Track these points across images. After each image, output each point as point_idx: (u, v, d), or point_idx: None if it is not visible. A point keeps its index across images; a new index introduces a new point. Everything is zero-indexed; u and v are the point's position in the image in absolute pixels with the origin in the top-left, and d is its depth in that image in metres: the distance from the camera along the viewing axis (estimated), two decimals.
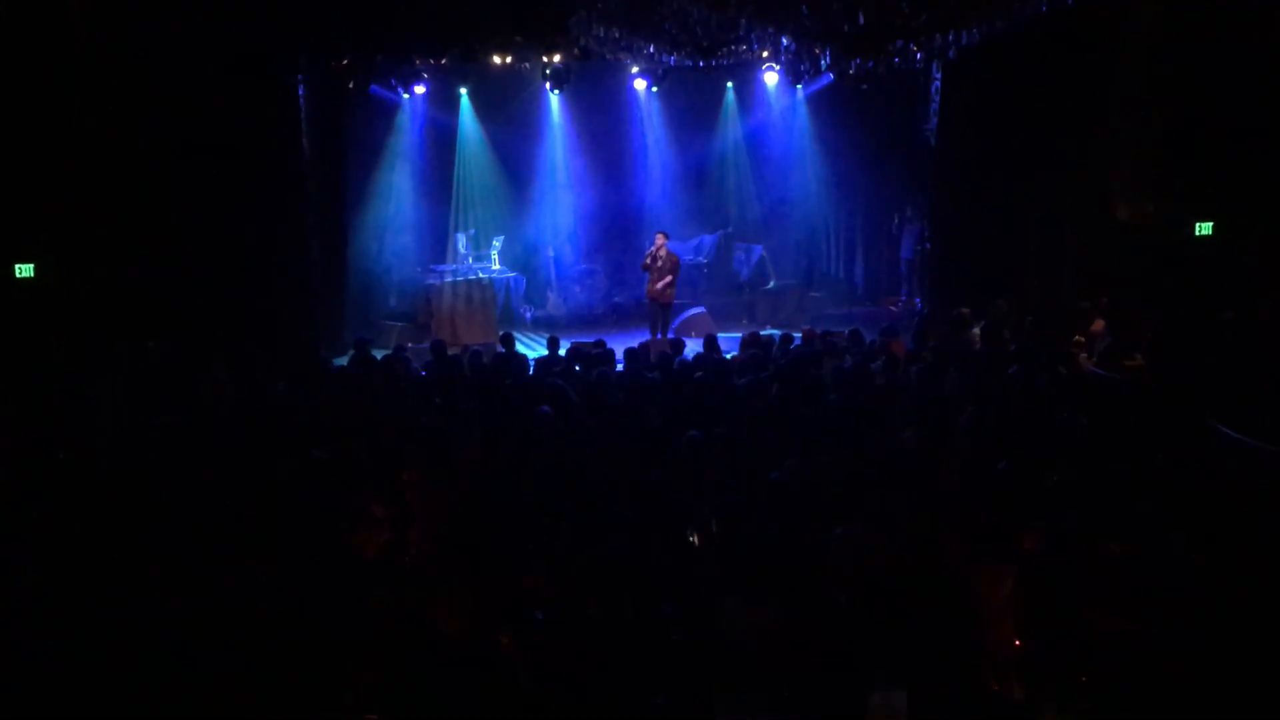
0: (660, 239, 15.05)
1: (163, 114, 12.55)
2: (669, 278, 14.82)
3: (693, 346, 12.35)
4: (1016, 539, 5.54)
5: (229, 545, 5.83)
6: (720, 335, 12.26)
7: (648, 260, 14.93)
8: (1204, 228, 12.98)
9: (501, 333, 13.37)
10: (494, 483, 6.88)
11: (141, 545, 5.84)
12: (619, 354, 11.16)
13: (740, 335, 12.84)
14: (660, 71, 16.33)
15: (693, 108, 18.71)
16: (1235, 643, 4.79)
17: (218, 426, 8.57)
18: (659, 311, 14.99)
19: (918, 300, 16.45)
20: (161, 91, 12.49)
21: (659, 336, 14.53)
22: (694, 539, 5.97)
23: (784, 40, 14.14)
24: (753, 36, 14.23)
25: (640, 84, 17.56)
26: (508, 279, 17.85)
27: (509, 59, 15.98)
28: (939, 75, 14.72)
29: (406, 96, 17.40)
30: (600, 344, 11.50)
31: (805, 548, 5.55)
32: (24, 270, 11.52)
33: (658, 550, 5.64)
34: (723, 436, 7.42)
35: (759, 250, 18.71)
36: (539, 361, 11.41)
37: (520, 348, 14.08)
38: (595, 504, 6.32)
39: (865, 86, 15.86)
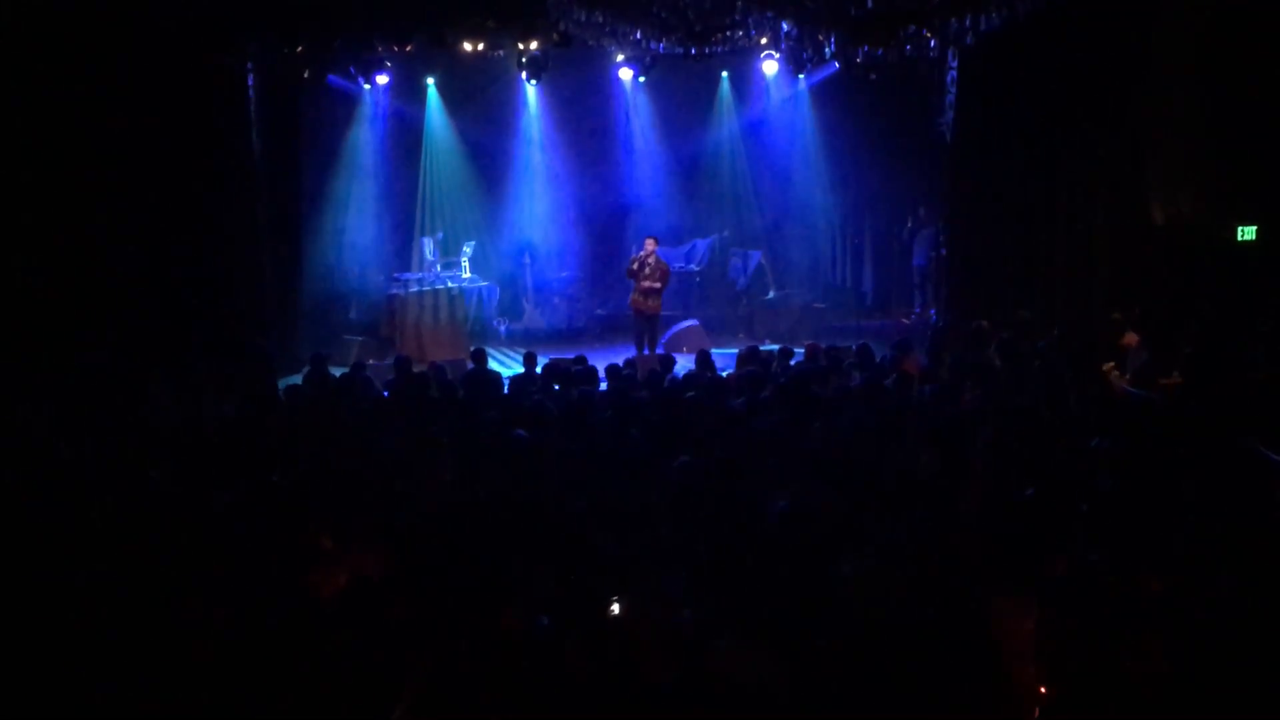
0: (650, 244, 15.03)
1: (95, 104, 12.54)
2: (657, 287, 14.79)
3: (684, 363, 12.36)
4: (1041, 572, 5.52)
5: (167, 588, 5.77)
6: (714, 351, 12.29)
7: (634, 266, 14.88)
8: (1247, 231, 12.99)
9: (473, 348, 13.35)
10: (464, 514, 6.84)
11: (68, 590, 5.77)
12: (602, 372, 11.14)
13: (737, 351, 12.84)
14: (648, 59, 16.40)
15: (684, 100, 18.83)
16: None
17: (156, 452, 8.51)
18: (645, 324, 14.96)
19: (932, 312, 16.50)
20: (93, 79, 12.45)
21: (646, 352, 14.52)
22: (683, 575, 5.93)
23: (784, 25, 14.21)
24: (750, 21, 14.29)
25: (626, 73, 17.65)
26: (479, 289, 17.88)
27: (481, 45, 16.02)
28: (955, 63, 14.80)
29: (368, 87, 17.46)
30: (581, 360, 11.48)
31: (809, 584, 5.52)
32: None
33: (642, 588, 5.60)
34: (717, 462, 7.39)
35: (757, 257, 18.77)
36: (514, 380, 11.39)
37: (493, 365, 14.05)
38: (576, 537, 6.28)
39: (874, 76, 15.90)
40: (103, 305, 12.56)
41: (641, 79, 17.71)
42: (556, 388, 10.54)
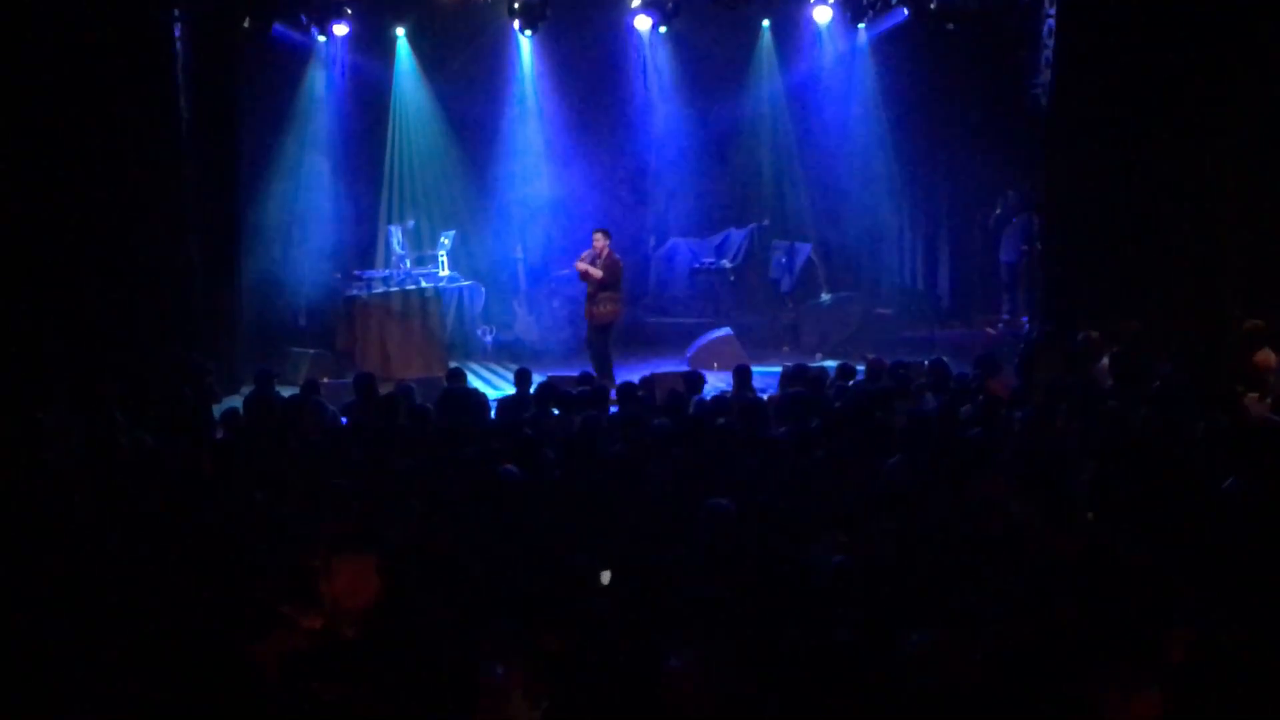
0: (600, 240, 15.07)
1: None
2: (598, 275, 14.83)
3: (714, 382, 12.39)
4: (1159, 648, 5.55)
5: (75, 658, 5.83)
6: (753, 368, 12.30)
7: (582, 267, 14.98)
8: None
9: (451, 364, 13.41)
10: (440, 570, 6.90)
11: None
12: (613, 393, 11.20)
13: (780, 368, 12.88)
14: (670, 4, 16.45)
15: (715, 56, 18.90)
16: None
17: (59, 490, 8.57)
18: (598, 339, 15.02)
19: (1024, 320, 16.50)
20: None
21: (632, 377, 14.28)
22: (714, 647, 5.97)
23: None
24: None
25: (643, 22, 17.66)
26: (460, 290, 17.95)
27: None
28: (1054, 11, 14.77)
29: (323, 40, 17.57)
30: (587, 379, 11.52)
31: (868, 657, 5.57)
32: None
33: (667, 661, 5.65)
34: (756, 507, 7.44)
35: (806, 251, 18.80)
36: (502, 403, 11.44)
37: (476, 384, 14.11)
38: (581, 599, 6.33)
39: (951, 26, 15.97)
40: None
41: (662, 29, 17.78)
42: (555, 413, 10.58)
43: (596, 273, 14.80)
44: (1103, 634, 5.71)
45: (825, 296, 18.51)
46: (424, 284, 16.88)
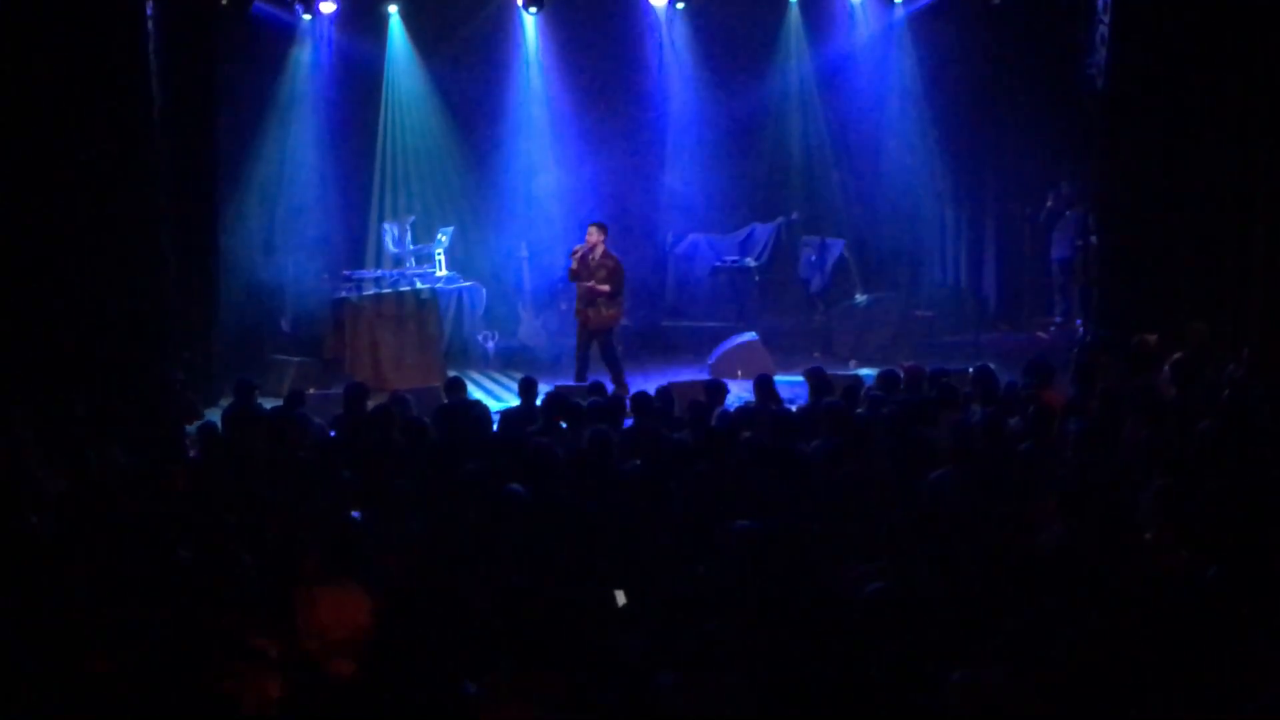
0: (594, 233, 15.02)
1: None
2: (604, 290, 14.78)
3: (738, 392, 12.35)
4: (1240, 690, 5.48)
5: (27, 697, 5.81)
6: (780, 377, 12.27)
7: (574, 265, 14.93)
8: None
9: (450, 373, 13.39)
10: (437, 602, 6.86)
11: None
12: (627, 404, 11.16)
13: (810, 376, 12.83)
14: None
15: (738, 34, 18.92)
16: None
17: (15, 510, 8.54)
18: (587, 343, 15.02)
19: (1079, 323, 16.45)
20: None
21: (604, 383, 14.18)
22: (738, 682, 5.94)
23: None
24: None
25: None
26: (459, 291, 17.95)
27: None
28: None
29: (308, 18, 17.64)
30: (598, 389, 11.48)
31: (906, 694, 5.52)
32: None
33: (687, 698, 5.62)
34: (784, 528, 7.39)
35: (839, 248, 18.76)
36: (506, 416, 11.42)
37: (477, 395, 14.08)
38: (590, 632, 6.29)
39: (997, 1, 15.94)
40: None
41: (680, 4, 17.82)
42: (564, 426, 10.55)
43: (604, 288, 14.78)
44: (1167, 668, 5.65)
45: (860, 298, 18.41)
46: (420, 285, 16.88)
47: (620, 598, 6.83)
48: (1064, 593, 6.43)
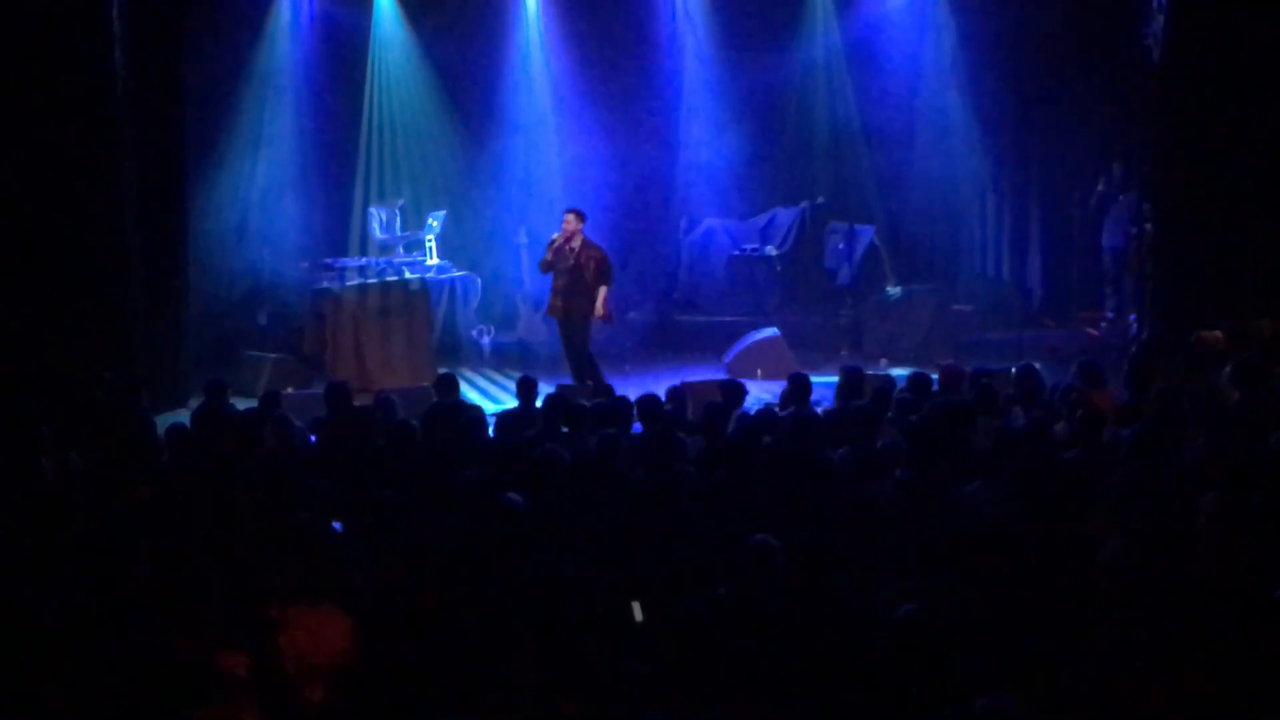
0: (570, 221, 14.98)
1: None
2: (585, 281, 14.75)
3: (758, 393, 12.36)
4: None
5: None
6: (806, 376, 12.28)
7: (549, 256, 14.92)
8: None
9: (441, 371, 13.40)
10: (426, 622, 6.89)
11: None
12: (635, 406, 11.17)
13: (838, 376, 12.84)
14: None
15: (759, 3, 18.85)
16: None
17: None
18: (564, 338, 15.05)
19: (1133, 318, 16.44)
20: None
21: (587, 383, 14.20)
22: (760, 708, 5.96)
23: None
24: None
25: None
26: (451, 281, 17.96)
27: None
28: None
29: None
30: (605, 390, 11.48)
31: None
32: None
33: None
34: (809, 544, 7.41)
35: (869, 235, 18.77)
36: (503, 419, 11.43)
37: (472, 395, 14.11)
38: (594, 654, 6.31)
39: None
40: None
41: None
42: (566, 430, 10.56)
43: (604, 309, 14.84)
44: (1234, 703, 5.66)
45: (892, 290, 18.45)
46: (408, 274, 16.89)
47: (637, 611, 6.85)
48: (1114, 613, 6.44)
